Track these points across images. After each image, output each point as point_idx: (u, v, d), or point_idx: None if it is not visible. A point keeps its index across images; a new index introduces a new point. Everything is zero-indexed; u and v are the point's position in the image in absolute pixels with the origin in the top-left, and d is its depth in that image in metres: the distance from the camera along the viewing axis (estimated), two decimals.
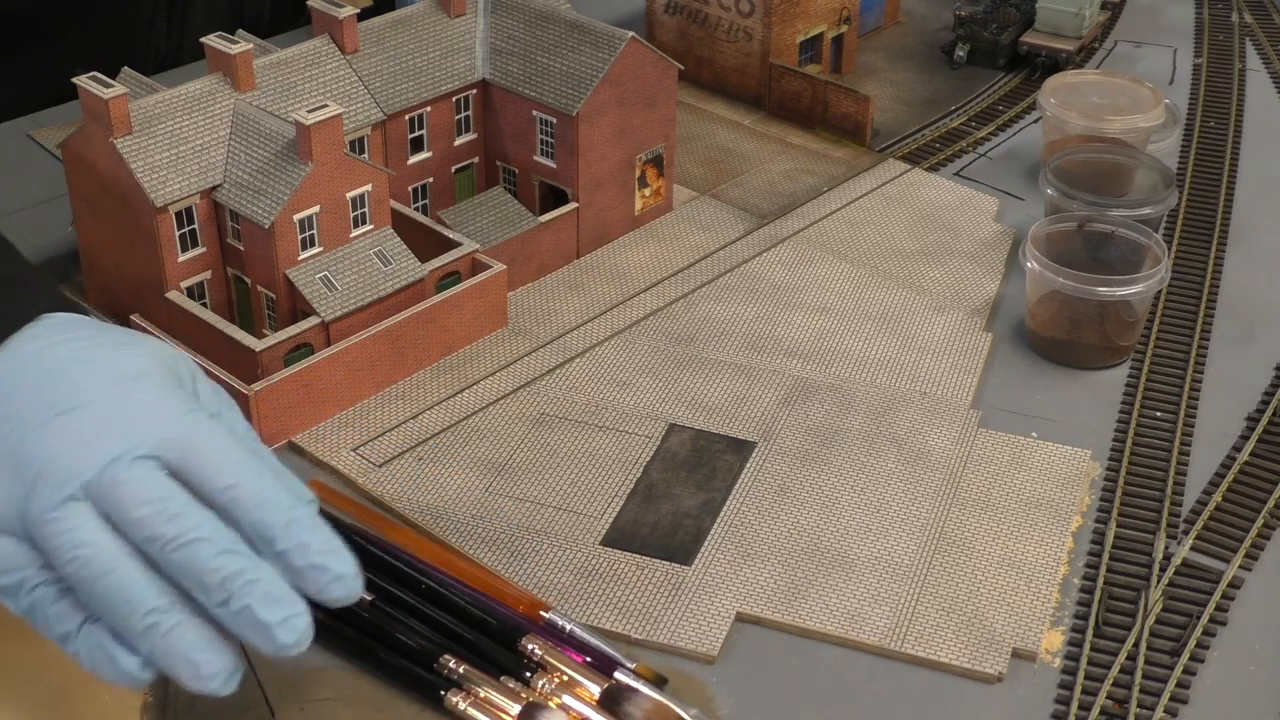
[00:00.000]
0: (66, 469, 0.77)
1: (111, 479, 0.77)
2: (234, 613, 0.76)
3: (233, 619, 0.76)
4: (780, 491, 1.08)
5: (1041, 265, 1.20)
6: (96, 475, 0.77)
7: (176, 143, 1.12)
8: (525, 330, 1.24)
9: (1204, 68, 1.72)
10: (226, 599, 0.76)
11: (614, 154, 1.31)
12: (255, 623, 0.76)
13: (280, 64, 1.20)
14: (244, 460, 0.80)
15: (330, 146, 1.11)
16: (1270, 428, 1.15)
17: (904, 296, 1.30)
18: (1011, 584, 1.01)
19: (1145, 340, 1.25)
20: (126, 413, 0.80)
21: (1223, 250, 1.38)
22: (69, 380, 0.82)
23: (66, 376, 0.82)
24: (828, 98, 1.54)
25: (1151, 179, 1.35)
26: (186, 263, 1.15)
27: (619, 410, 1.15)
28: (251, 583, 0.76)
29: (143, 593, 0.76)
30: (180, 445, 0.79)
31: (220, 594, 0.76)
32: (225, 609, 0.76)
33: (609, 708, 0.88)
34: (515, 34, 1.30)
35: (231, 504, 0.78)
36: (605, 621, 0.97)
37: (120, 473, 0.77)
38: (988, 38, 1.68)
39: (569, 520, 1.05)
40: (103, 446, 0.78)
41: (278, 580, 0.77)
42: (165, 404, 0.81)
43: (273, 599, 0.76)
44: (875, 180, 1.47)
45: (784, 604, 0.99)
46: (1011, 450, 1.13)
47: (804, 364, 1.21)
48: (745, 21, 1.57)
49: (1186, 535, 1.05)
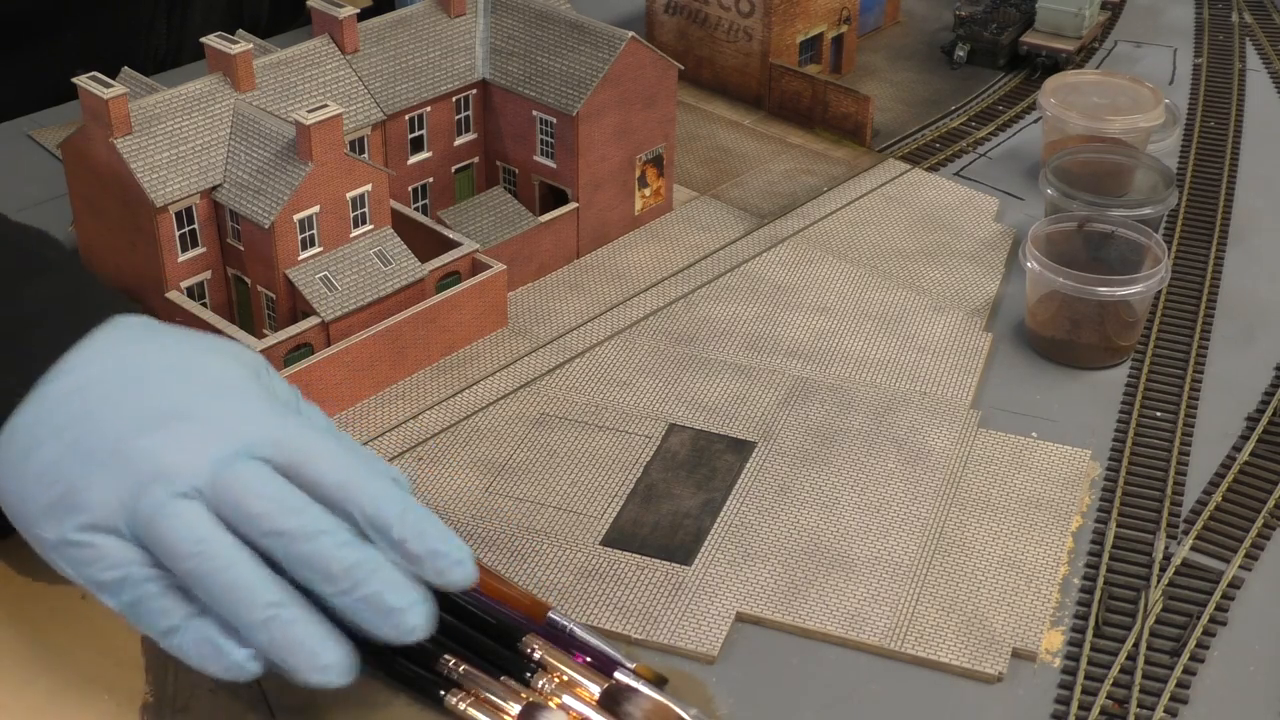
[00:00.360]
0: (181, 469, 0.81)
1: (232, 476, 0.81)
2: (360, 599, 0.79)
3: (358, 606, 0.80)
4: (780, 491, 1.08)
5: (1041, 265, 1.20)
6: (212, 474, 0.81)
7: (176, 143, 1.12)
8: (525, 330, 1.24)
9: (1204, 68, 1.72)
10: (352, 586, 0.79)
11: (614, 154, 1.31)
12: (383, 608, 0.80)
13: (280, 64, 1.20)
14: (346, 456, 0.84)
15: (330, 146, 1.11)
16: (1270, 428, 1.15)
17: (904, 296, 1.30)
18: (1011, 584, 1.01)
19: (1145, 340, 1.25)
20: (231, 418, 0.84)
21: (1223, 250, 1.38)
22: (168, 386, 0.86)
23: (163, 382, 0.86)
24: (828, 98, 1.54)
25: (1151, 179, 1.35)
26: (186, 263, 1.15)
27: (619, 410, 1.15)
28: (376, 570, 0.80)
29: (262, 586, 0.80)
30: (287, 446, 0.83)
31: (346, 582, 0.79)
32: (349, 596, 0.80)
33: (609, 708, 0.88)
34: (515, 34, 1.30)
35: (344, 499, 0.82)
36: (605, 621, 0.97)
37: (238, 471, 0.81)
38: (988, 38, 1.68)
39: (569, 520, 1.05)
40: (215, 448, 0.82)
41: (400, 568, 0.81)
42: (263, 408, 0.86)
43: (398, 585, 0.80)
44: (875, 180, 1.47)
45: (784, 604, 0.99)
46: (1011, 450, 1.13)
47: (804, 364, 1.21)
48: (745, 21, 1.57)
49: (1186, 535, 1.05)
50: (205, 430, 0.83)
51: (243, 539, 0.81)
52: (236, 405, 0.86)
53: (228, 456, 0.81)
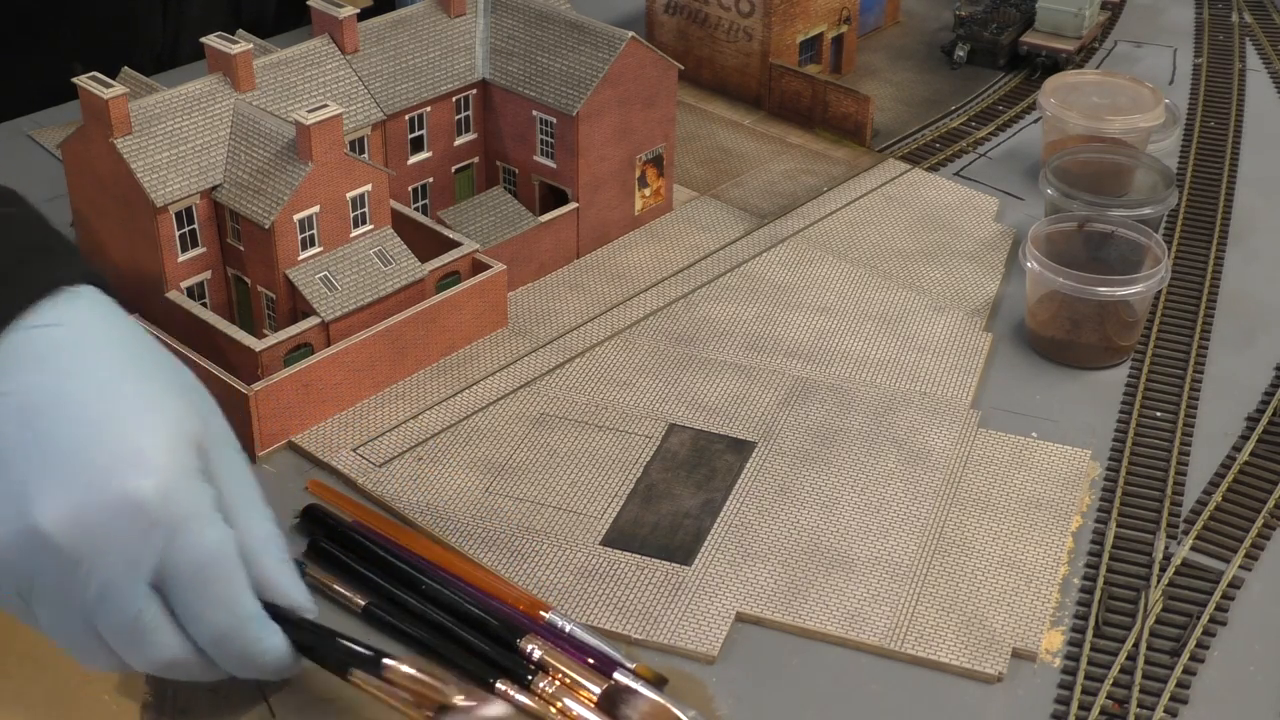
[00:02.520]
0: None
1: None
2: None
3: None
4: (780, 491, 1.08)
5: (1041, 265, 1.20)
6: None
7: (176, 143, 1.12)
8: (525, 330, 1.24)
9: (1204, 68, 1.72)
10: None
11: (614, 154, 1.31)
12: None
13: (280, 64, 1.20)
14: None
15: (330, 146, 1.11)
16: (1270, 428, 1.15)
17: (904, 296, 1.30)
18: (1011, 584, 1.01)
19: (1145, 340, 1.25)
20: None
21: (1223, 250, 1.38)
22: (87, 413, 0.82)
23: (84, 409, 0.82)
24: (828, 98, 1.54)
25: (1151, 179, 1.35)
26: (186, 263, 1.15)
27: (619, 410, 1.15)
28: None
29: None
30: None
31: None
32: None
33: (608, 709, 0.88)
34: (515, 34, 1.30)
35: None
36: (605, 621, 0.97)
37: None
38: (988, 38, 1.68)
39: (569, 520, 1.05)
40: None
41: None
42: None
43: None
44: (875, 180, 1.47)
45: (784, 604, 0.99)
46: (1011, 450, 1.13)
47: (804, 364, 1.21)
48: (745, 21, 1.57)
49: (1186, 535, 1.05)
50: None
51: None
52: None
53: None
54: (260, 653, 0.83)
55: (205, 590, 0.81)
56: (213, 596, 0.81)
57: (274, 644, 0.83)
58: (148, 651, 0.81)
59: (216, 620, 0.81)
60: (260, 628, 0.83)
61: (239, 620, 0.82)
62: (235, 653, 0.82)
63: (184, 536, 0.80)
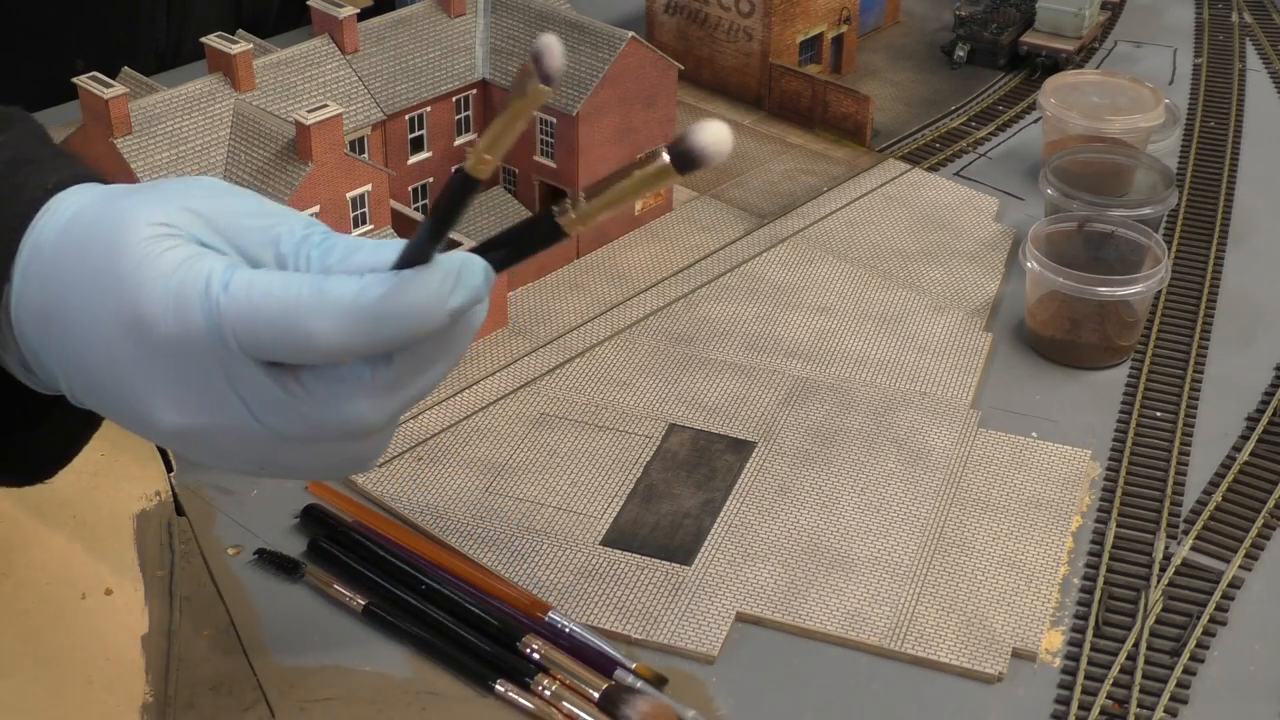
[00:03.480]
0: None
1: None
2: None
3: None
4: (780, 491, 1.08)
5: (1041, 265, 1.20)
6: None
7: (176, 143, 1.12)
8: (525, 330, 1.24)
9: (1204, 68, 1.72)
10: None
11: (614, 154, 1.31)
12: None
13: (280, 64, 1.20)
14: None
15: (330, 146, 1.11)
16: (1270, 428, 1.15)
17: (904, 296, 1.30)
18: (1011, 584, 1.01)
19: (1145, 340, 1.25)
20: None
21: (1223, 250, 1.38)
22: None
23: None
24: (828, 98, 1.54)
25: (1151, 179, 1.35)
26: None
27: (619, 410, 1.15)
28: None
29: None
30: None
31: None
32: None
33: (608, 709, 0.88)
34: (515, 34, 1.30)
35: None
36: (605, 621, 0.97)
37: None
38: (988, 38, 1.68)
39: (569, 520, 1.05)
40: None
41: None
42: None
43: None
44: (875, 180, 1.47)
45: (784, 604, 0.99)
46: (1011, 450, 1.13)
47: (804, 364, 1.21)
48: (745, 21, 1.57)
49: (1186, 535, 1.05)
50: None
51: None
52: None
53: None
54: (476, 286, 0.68)
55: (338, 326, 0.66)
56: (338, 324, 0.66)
57: (472, 265, 0.68)
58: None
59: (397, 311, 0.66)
60: (434, 276, 0.67)
61: (410, 286, 0.67)
62: (455, 298, 0.67)
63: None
